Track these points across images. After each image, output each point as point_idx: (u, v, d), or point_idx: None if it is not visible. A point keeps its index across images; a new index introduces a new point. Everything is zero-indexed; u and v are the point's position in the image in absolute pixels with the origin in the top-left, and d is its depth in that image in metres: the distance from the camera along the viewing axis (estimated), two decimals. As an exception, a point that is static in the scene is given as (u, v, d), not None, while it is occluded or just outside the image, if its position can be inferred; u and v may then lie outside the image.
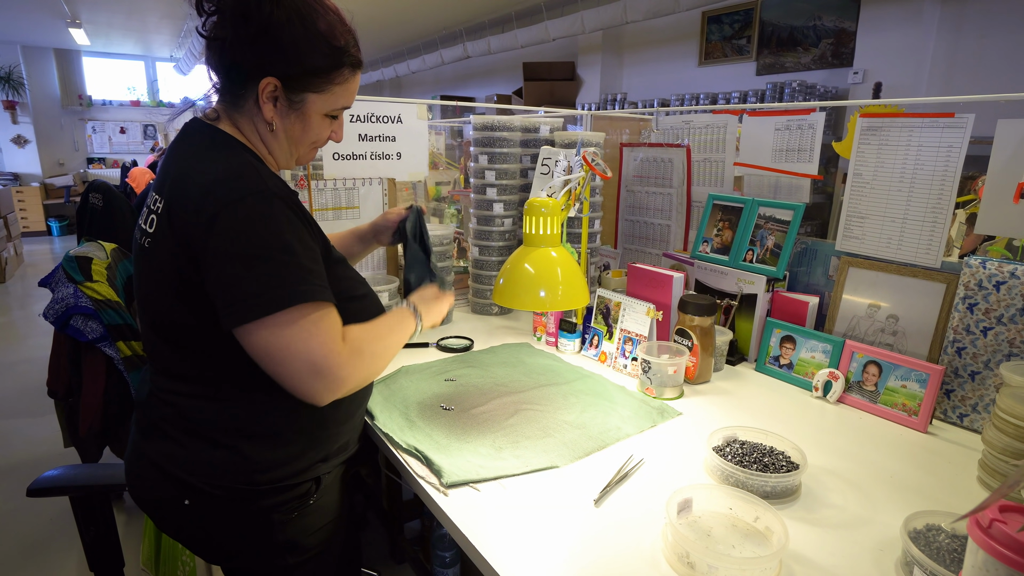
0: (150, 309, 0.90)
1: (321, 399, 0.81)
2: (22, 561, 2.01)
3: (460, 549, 1.15)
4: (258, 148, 0.93)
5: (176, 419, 0.89)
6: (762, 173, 1.73)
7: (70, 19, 6.47)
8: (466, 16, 6.71)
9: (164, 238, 0.83)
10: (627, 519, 0.88)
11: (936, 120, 1.29)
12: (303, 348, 0.78)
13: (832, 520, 0.89)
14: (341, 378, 0.81)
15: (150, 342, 0.93)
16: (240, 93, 0.88)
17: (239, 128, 0.91)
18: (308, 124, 0.93)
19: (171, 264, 0.83)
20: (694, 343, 1.35)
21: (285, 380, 0.80)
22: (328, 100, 0.92)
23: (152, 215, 0.87)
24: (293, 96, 0.89)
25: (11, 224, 6.35)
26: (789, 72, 4.59)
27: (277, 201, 0.82)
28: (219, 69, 0.89)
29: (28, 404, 3.14)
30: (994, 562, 0.56)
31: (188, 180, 0.82)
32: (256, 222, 0.79)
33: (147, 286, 0.89)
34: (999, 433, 0.98)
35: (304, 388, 0.80)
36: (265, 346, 0.78)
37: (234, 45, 0.85)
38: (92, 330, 1.74)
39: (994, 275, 1.16)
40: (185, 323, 0.85)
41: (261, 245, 0.79)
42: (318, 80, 0.89)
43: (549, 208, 1.20)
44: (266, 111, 0.89)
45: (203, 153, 0.86)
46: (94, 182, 2.72)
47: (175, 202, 0.82)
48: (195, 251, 0.79)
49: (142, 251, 0.89)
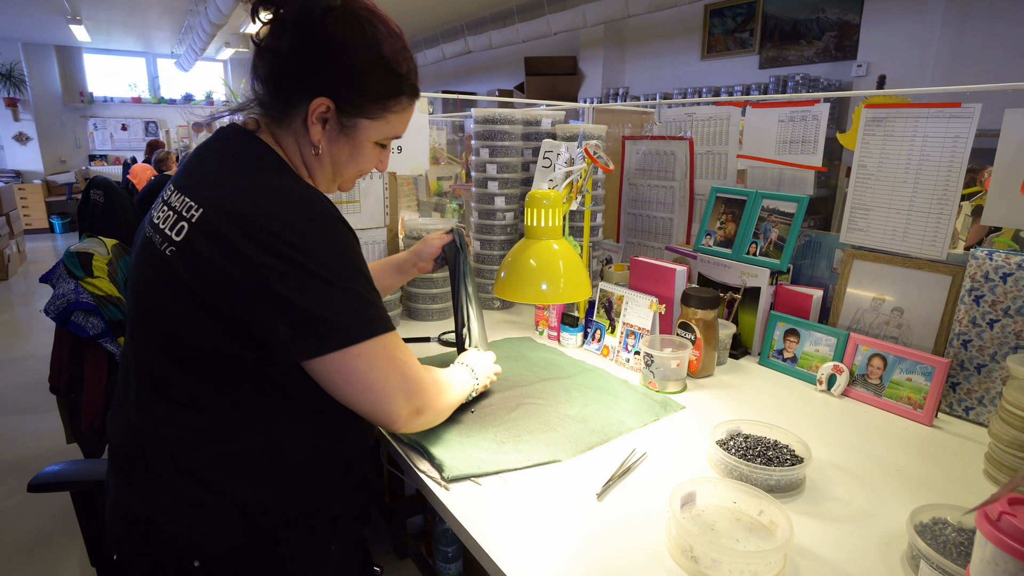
0: (159, 326, 0.78)
1: (405, 424, 0.82)
2: (25, 556, 2.02)
3: (463, 544, 1.15)
4: (298, 169, 0.86)
5: (174, 459, 0.78)
6: (765, 165, 1.72)
7: (71, 16, 6.47)
8: (467, 10, 6.68)
9: (202, 252, 0.72)
10: (630, 513, 0.87)
11: (942, 110, 1.27)
12: (398, 374, 0.78)
13: (837, 514, 0.88)
14: (425, 404, 0.83)
15: (155, 366, 0.79)
16: (287, 110, 0.82)
17: (280, 144, 0.84)
18: (357, 151, 0.87)
19: (206, 284, 0.72)
20: (697, 337, 1.34)
21: (376, 406, 0.78)
22: (381, 128, 0.87)
23: (182, 223, 0.75)
24: (345, 120, 0.83)
25: (13, 221, 6.36)
26: (792, 65, 4.56)
27: (344, 227, 0.77)
28: (267, 81, 0.82)
29: (31, 400, 3.15)
30: (1003, 555, 0.56)
31: (244, 195, 0.74)
32: (334, 246, 0.75)
33: (160, 299, 0.77)
34: (1006, 426, 0.97)
35: (393, 412, 0.79)
36: (351, 374, 0.75)
37: (289, 58, 0.79)
38: (93, 326, 1.74)
39: (1001, 267, 1.14)
40: (216, 347, 0.75)
41: (341, 271, 0.74)
42: (374, 106, 0.84)
43: (551, 200, 1.19)
44: (314, 133, 0.82)
45: (256, 166, 0.79)
46: (95, 178, 2.71)
47: (223, 216, 0.73)
48: (248, 275, 0.71)
49: (160, 259, 0.76)
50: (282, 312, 0.72)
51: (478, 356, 1.18)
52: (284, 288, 0.71)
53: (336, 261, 0.74)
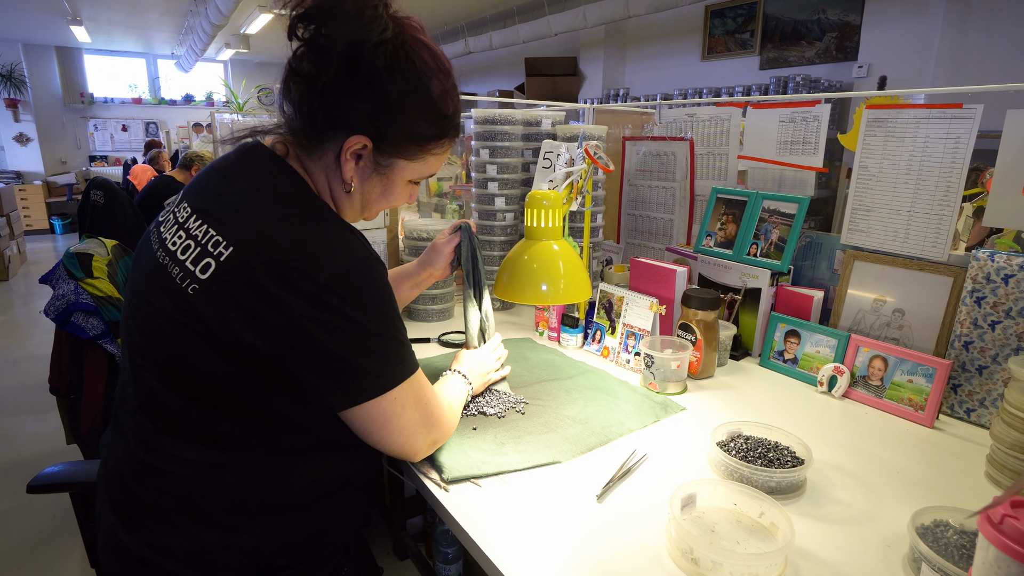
0: (169, 360, 0.72)
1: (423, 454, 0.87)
2: (25, 558, 2.01)
3: (463, 545, 1.14)
4: (325, 200, 0.81)
5: (180, 497, 0.73)
6: (766, 166, 1.71)
7: (71, 17, 6.47)
8: (467, 11, 6.68)
9: (233, 296, 0.68)
10: (630, 515, 0.87)
11: (944, 111, 1.27)
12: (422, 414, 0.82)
13: (838, 516, 0.88)
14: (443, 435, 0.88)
15: (156, 396, 0.74)
16: (320, 142, 0.77)
17: (308, 173, 0.79)
18: (390, 190, 0.83)
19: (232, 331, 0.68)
20: (698, 338, 1.34)
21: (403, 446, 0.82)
22: (418, 168, 0.82)
23: (208, 259, 0.70)
24: (381, 160, 0.79)
25: (14, 222, 6.36)
26: (793, 66, 4.56)
27: (380, 268, 0.74)
28: (301, 109, 0.76)
29: (31, 401, 3.15)
30: (1005, 558, 0.55)
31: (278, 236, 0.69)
32: (371, 293, 0.72)
33: (174, 336, 0.71)
34: (1008, 428, 0.97)
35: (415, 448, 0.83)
36: (384, 419, 0.77)
37: (330, 90, 0.73)
38: (93, 327, 1.74)
39: (1002, 268, 1.14)
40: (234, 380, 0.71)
41: (379, 318, 0.73)
42: (414, 147, 0.79)
43: (551, 200, 1.18)
44: (346, 171, 0.77)
45: (291, 204, 0.74)
46: (95, 179, 2.71)
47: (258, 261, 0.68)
48: (287, 324, 0.67)
49: (178, 294, 0.70)
50: (322, 362, 0.70)
51: (471, 357, 1.16)
52: (324, 336, 0.69)
53: (375, 307, 0.73)
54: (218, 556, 0.73)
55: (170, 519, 0.73)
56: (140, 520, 0.74)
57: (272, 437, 0.75)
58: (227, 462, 0.73)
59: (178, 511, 0.73)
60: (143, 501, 0.74)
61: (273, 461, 0.75)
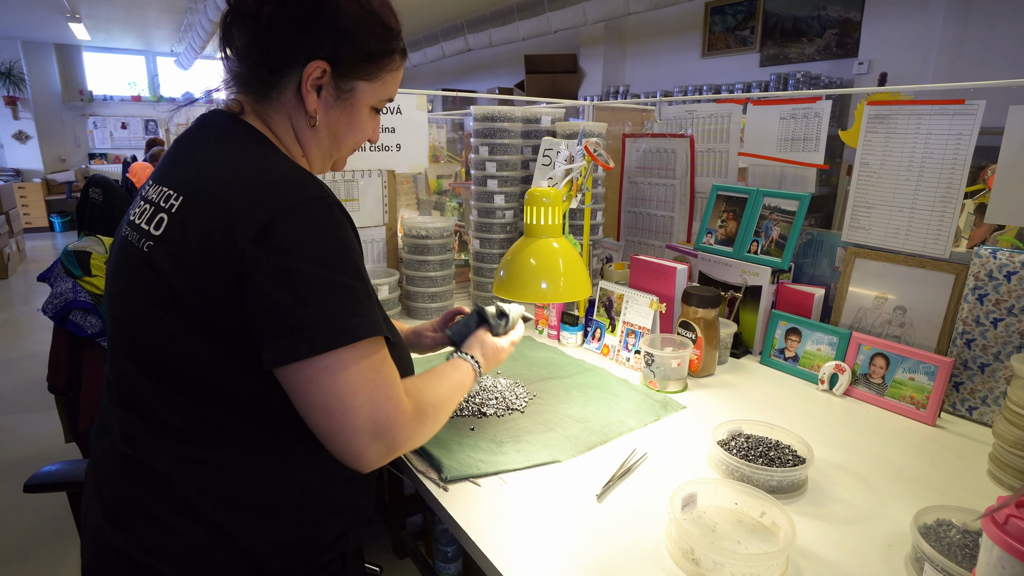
0: (140, 339, 0.70)
1: (370, 463, 0.68)
2: (23, 556, 2.01)
3: (462, 544, 1.14)
4: (290, 149, 0.80)
5: (167, 493, 0.69)
6: (767, 163, 1.71)
7: (70, 14, 6.45)
8: (467, 8, 6.67)
9: (181, 245, 0.66)
10: (630, 514, 0.87)
11: (946, 107, 1.26)
12: (367, 401, 0.66)
13: (840, 515, 0.87)
14: (398, 442, 0.69)
15: (134, 385, 0.71)
16: (275, 82, 0.75)
17: (269, 125, 0.78)
18: (355, 118, 0.81)
19: (189, 280, 0.65)
20: (698, 336, 1.33)
21: (335, 436, 0.66)
22: (378, 90, 0.81)
23: (161, 214, 0.68)
24: (343, 84, 0.77)
25: (13, 220, 6.35)
26: (793, 63, 4.54)
27: (339, 211, 0.70)
28: (250, 53, 0.75)
29: (30, 399, 3.14)
30: (1010, 559, 0.55)
31: (225, 178, 0.68)
32: (321, 233, 0.66)
33: (140, 305, 0.69)
34: (1010, 426, 0.96)
35: (356, 448, 0.66)
36: (320, 392, 0.64)
37: (275, 22, 0.72)
38: (91, 325, 1.73)
39: (1005, 265, 1.13)
40: (201, 358, 0.67)
41: (327, 262, 0.66)
42: (371, 66, 0.78)
43: (551, 197, 1.18)
44: (309, 102, 0.76)
45: (240, 149, 0.72)
46: (94, 177, 2.71)
47: (205, 203, 0.66)
48: (231, 267, 0.64)
49: (137, 258, 0.69)
50: (262, 309, 0.64)
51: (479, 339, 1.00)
52: (266, 280, 0.63)
53: (324, 248, 0.66)
54: (209, 558, 0.69)
55: (159, 517, 0.69)
56: (129, 519, 0.71)
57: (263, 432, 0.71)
58: (210, 457, 0.70)
59: (166, 508, 0.69)
60: (131, 499, 0.71)
61: (258, 458, 0.72)
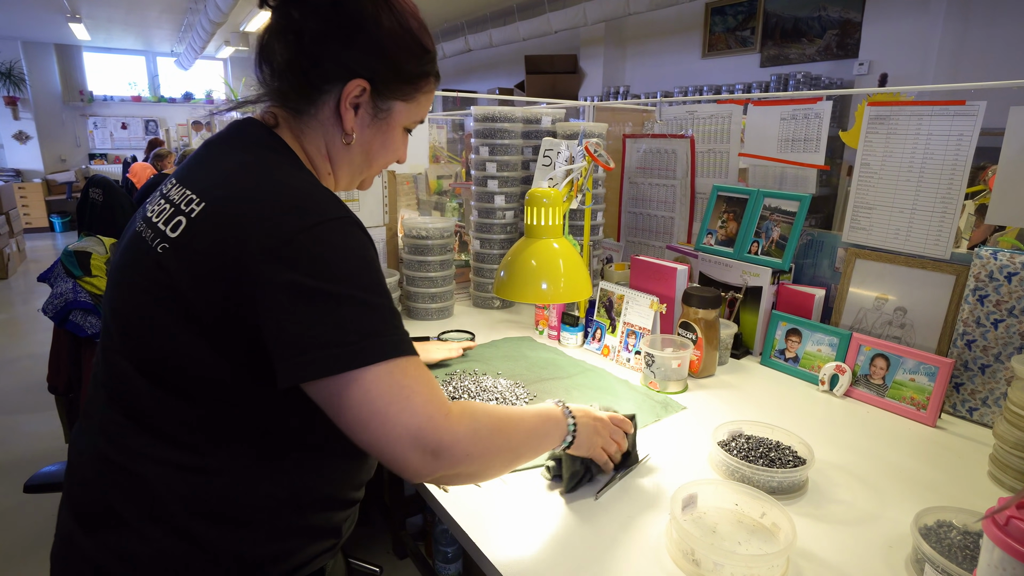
0: (141, 338, 0.69)
1: (417, 473, 0.65)
2: (23, 556, 2.01)
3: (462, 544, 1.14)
4: (318, 167, 0.79)
5: (147, 502, 0.67)
6: (767, 164, 1.71)
7: (70, 14, 6.46)
8: (468, 8, 6.67)
9: (196, 251, 0.65)
10: (630, 515, 0.86)
11: (946, 108, 1.26)
12: (404, 407, 0.63)
13: (840, 516, 0.87)
14: (445, 446, 0.64)
15: (127, 384, 0.70)
16: (314, 98, 0.75)
17: (301, 140, 0.77)
18: (389, 138, 0.81)
19: (198, 287, 0.64)
20: (698, 336, 1.33)
21: (377, 448, 0.64)
22: (412, 111, 0.81)
23: (180, 217, 0.67)
24: (380, 103, 0.77)
25: (13, 220, 6.36)
26: (793, 64, 4.55)
27: (360, 231, 0.69)
28: (290, 68, 0.74)
29: (30, 400, 3.14)
30: (1011, 560, 0.55)
31: (251, 192, 0.67)
32: (347, 250, 0.65)
33: (145, 305, 0.68)
34: (1011, 427, 0.96)
35: (398, 458, 0.63)
36: (354, 406, 0.62)
37: (319, 39, 0.72)
38: (91, 325, 1.73)
39: (1005, 266, 1.13)
40: (202, 362, 0.66)
41: (353, 279, 0.64)
42: (408, 87, 0.78)
43: (551, 198, 1.18)
44: (347, 119, 0.75)
45: (269, 163, 0.72)
46: (94, 177, 2.70)
47: (227, 214, 0.65)
48: (246, 281, 0.62)
49: (149, 258, 0.68)
50: (285, 324, 0.62)
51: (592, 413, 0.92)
52: (290, 295, 0.62)
53: (350, 264, 0.65)
54: (181, 569, 0.67)
55: (133, 527, 0.67)
56: (101, 524, 0.68)
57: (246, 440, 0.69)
58: (196, 463, 0.67)
59: (141, 514, 0.67)
60: (106, 503, 0.69)
61: (246, 467, 0.69)
